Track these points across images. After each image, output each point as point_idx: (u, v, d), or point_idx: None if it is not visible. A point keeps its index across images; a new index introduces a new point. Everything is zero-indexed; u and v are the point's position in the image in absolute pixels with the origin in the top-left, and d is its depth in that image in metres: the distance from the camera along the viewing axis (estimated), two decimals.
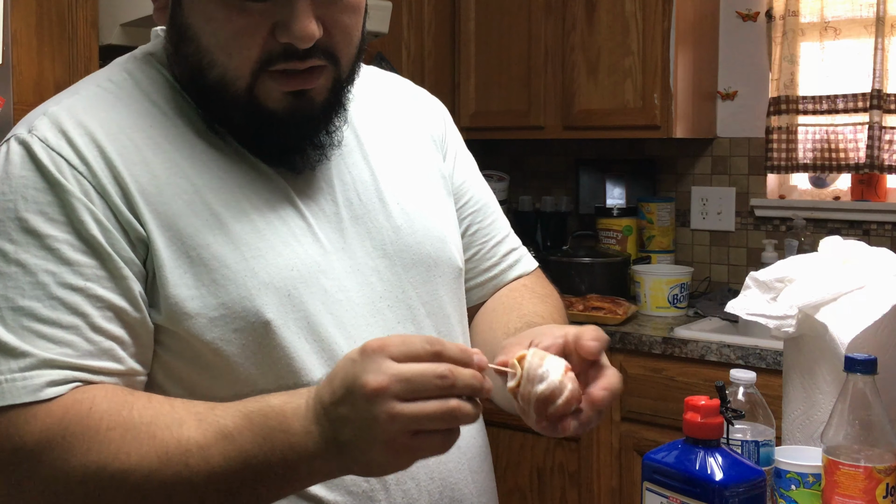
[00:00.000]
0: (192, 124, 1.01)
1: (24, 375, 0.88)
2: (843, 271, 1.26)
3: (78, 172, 0.94)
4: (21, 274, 0.91)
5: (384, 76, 1.25)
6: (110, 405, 0.89)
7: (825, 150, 2.92)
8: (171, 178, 0.97)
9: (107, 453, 0.87)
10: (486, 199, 1.27)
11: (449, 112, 1.30)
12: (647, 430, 2.62)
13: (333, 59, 0.99)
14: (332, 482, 0.98)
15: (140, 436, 0.87)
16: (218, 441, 0.86)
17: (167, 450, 0.87)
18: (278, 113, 0.98)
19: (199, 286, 0.95)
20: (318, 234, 1.03)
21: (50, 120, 0.97)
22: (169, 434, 0.87)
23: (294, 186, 1.04)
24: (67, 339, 0.90)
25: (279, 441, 0.85)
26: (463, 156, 1.27)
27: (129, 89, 1.02)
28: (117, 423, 0.88)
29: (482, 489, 1.12)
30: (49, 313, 0.90)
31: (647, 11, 2.93)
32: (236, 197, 0.99)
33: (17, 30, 2.08)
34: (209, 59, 0.97)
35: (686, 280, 2.93)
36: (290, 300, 0.98)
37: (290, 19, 0.93)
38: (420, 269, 1.09)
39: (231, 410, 0.88)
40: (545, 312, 1.18)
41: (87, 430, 0.87)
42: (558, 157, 3.54)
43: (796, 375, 1.27)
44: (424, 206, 1.13)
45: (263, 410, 0.87)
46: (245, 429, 0.86)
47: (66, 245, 0.92)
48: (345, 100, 1.04)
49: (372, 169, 1.11)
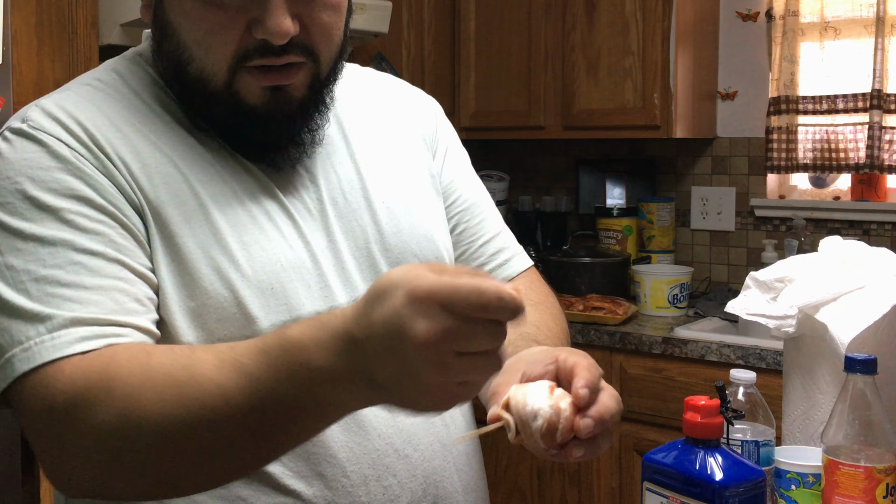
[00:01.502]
0: (178, 122, 1.03)
1: (52, 336, 0.88)
2: (843, 271, 1.26)
3: (78, 153, 0.96)
4: (39, 247, 0.92)
5: (378, 77, 1.26)
6: (130, 355, 0.88)
7: (825, 150, 2.92)
8: (160, 166, 0.99)
9: (128, 400, 0.84)
10: (476, 198, 1.25)
11: (448, 112, 1.29)
12: (647, 430, 2.62)
13: (312, 56, 1.00)
14: (310, 477, 0.98)
15: (157, 378, 0.85)
16: (237, 380, 0.81)
17: (184, 391, 0.83)
18: (257, 108, 0.99)
19: (182, 274, 0.96)
20: (303, 230, 1.03)
21: (42, 109, 0.99)
22: (187, 375, 0.84)
23: (279, 183, 1.04)
24: (94, 299, 0.90)
25: (302, 376, 0.79)
26: (454, 154, 1.25)
27: (117, 87, 1.03)
28: (136, 369, 0.86)
29: (469, 487, 1.11)
30: (72, 277, 0.91)
31: (647, 11, 2.93)
32: (223, 191, 1.00)
33: (17, 30, 2.08)
34: (188, 55, 0.98)
35: (686, 280, 2.93)
36: (273, 294, 0.99)
37: (264, 16, 0.94)
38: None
39: (250, 347, 0.83)
40: (539, 321, 1.15)
41: (109, 379, 0.85)
42: (558, 157, 3.54)
43: (796, 375, 1.27)
44: (411, 205, 1.13)
45: (283, 345, 0.81)
46: (263, 364, 0.81)
47: (80, 216, 0.93)
48: (326, 98, 1.05)
49: (358, 168, 1.11)
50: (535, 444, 0.86)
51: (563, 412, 0.85)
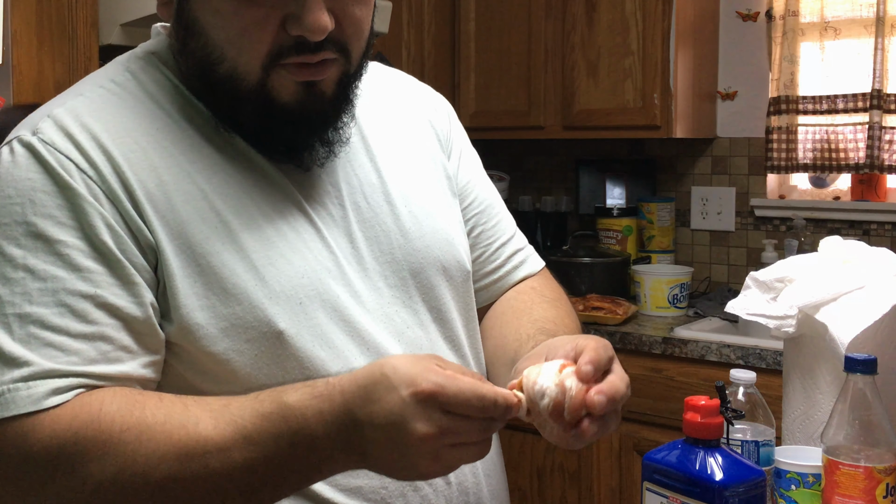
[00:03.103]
0: (197, 128, 0.99)
1: (27, 385, 0.86)
2: (843, 271, 1.26)
3: (87, 175, 0.92)
4: (29, 280, 0.89)
5: (387, 72, 1.24)
6: (120, 405, 0.87)
7: (825, 150, 2.92)
8: (179, 183, 0.95)
9: (123, 457, 0.85)
10: (491, 199, 1.25)
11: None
12: (647, 430, 2.62)
13: (344, 52, 0.97)
14: (349, 490, 0.98)
15: (156, 437, 0.85)
16: (237, 442, 0.85)
17: (186, 451, 0.85)
18: (290, 106, 0.96)
19: (209, 296, 0.93)
20: (327, 239, 1.01)
21: (54, 122, 0.94)
22: (185, 434, 0.86)
23: (301, 191, 1.02)
24: (75, 348, 0.88)
25: (301, 444, 0.85)
26: (468, 154, 1.25)
27: (132, 91, 0.99)
28: (130, 424, 0.86)
29: (495, 492, 1.11)
30: (57, 321, 0.88)
31: (647, 11, 2.93)
32: (244, 203, 0.97)
33: (17, 30, 2.08)
34: (218, 55, 0.94)
35: (686, 280, 2.93)
36: (301, 308, 0.97)
37: (301, 11, 0.91)
38: (427, 273, 1.08)
39: (248, 409, 0.86)
40: (556, 318, 1.15)
41: (99, 433, 0.85)
42: (558, 157, 3.54)
43: (796, 375, 1.27)
44: (432, 208, 1.12)
45: (283, 413, 0.85)
46: (264, 431, 0.85)
47: (76, 251, 0.90)
48: (353, 95, 1.02)
49: (379, 170, 1.09)
50: (545, 423, 0.88)
51: (569, 390, 0.86)
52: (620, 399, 0.89)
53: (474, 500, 1.07)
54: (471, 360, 1.12)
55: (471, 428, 0.83)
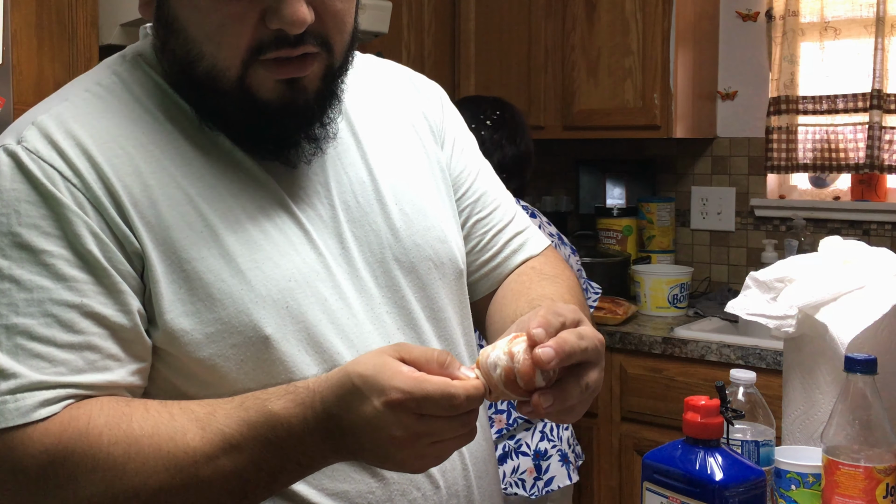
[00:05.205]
0: (182, 129, 0.98)
1: (15, 398, 0.86)
2: (843, 271, 1.26)
3: (71, 184, 0.91)
4: (15, 290, 0.89)
5: (379, 64, 1.22)
6: (108, 418, 0.87)
7: (825, 150, 2.92)
8: (164, 188, 0.94)
9: (113, 471, 0.86)
10: (486, 186, 1.22)
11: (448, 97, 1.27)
12: (647, 430, 2.62)
13: (326, 46, 0.96)
14: (336, 494, 0.98)
15: (144, 450, 0.86)
16: (226, 451, 0.86)
17: (175, 463, 0.86)
18: (271, 103, 0.95)
19: (194, 301, 0.93)
20: (315, 240, 1.00)
21: (39, 130, 0.94)
22: (174, 446, 0.86)
23: (289, 191, 1.01)
24: (62, 358, 0.88)
25: (292, 450, 0.87)
26: (462, 141, 1.22)
27: (118, 94, 0.99)
28: (118, 437, 0.86)
29: (486, 494, 1.11)
30: (44, 331, 0.88)
31: (647, 11, 2.93)
32: (230, 206, 0.97)
33: (17, 30, 2.08)
34: (197, 51, 0.94)
35: (686, 280, 2.93)
36: (288, 312, 0.96)
37: (280, 4, 0.90)
38: (420, 272, 1.07)
39: (234, 419, 0.87)
40: (554, 293, 1.12)
41: (88, 447, 0.86)
42: (558, 157, 3.54)
43: (796, 375, 1.27)
44: (424, 205, 1.10)
45: (270, 422, 0.86)
46: (252, 439, 0.86)
47: (62, 260, 0.90)
48: (338, 89, 1.01)
49: (370, 168, 1.08)
50: (505, 395, 0.86)
51: (517, 356, 0.84)
52: (573, 352, 0.84)
53: (465, 503, 1.07)
54: (465, 357, 1.12)
55: (447, 426, 0.83)
